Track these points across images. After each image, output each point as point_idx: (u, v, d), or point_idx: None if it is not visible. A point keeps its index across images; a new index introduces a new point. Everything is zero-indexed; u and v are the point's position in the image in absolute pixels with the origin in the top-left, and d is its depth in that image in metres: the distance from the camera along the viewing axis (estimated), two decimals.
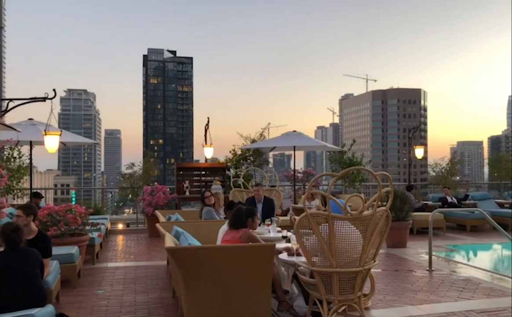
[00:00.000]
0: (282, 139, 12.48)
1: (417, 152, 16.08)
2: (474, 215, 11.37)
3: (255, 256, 4.46)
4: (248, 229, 5.33)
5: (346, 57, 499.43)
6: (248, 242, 5.05)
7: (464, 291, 6.03)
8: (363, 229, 4.47)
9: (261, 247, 4.66)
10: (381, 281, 6.52)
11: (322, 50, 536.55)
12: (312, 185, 5.27)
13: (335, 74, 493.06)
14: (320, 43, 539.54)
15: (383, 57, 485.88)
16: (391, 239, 9.25)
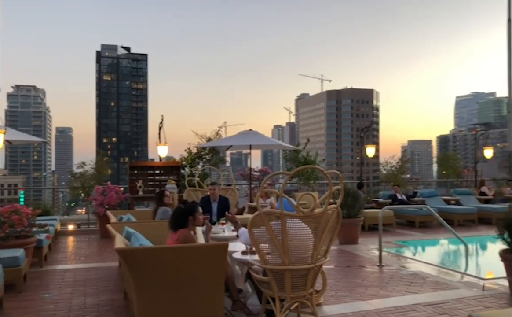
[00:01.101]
0: (238, 138, 12.48)
1: (369, 151, 16.53)
2: (422, 211, 11.79)
3: (208, 255, 4.44)
4: (188, 229, 5.07)
5: (302, 57, 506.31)
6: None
7: (412, 285, 6.24)
8: (314, 226, 4.54)
9: (214, 247, 4.63)
10: (333, 277, 6.65)
11: (279, 50, 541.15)
12: (265, 184, 5.28)
13: (291, 74, 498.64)
14: (277, 43, 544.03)
15: (337, 58, 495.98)
16: (343, 235, 9.46)
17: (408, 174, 21.00)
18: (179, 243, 4.83)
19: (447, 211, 12.56)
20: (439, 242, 10.69)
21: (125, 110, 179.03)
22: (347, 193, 9.77)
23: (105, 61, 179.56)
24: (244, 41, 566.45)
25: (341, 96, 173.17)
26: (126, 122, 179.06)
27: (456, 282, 6.44)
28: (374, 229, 11.23)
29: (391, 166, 16.60)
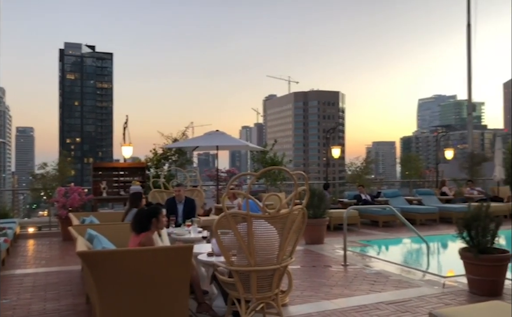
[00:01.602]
0: (205, 139, 12.40)
1: (334, 152, 16.76)
2: (385, 211, 12.04)
3: (172, 258, 4.38)
4: (151, 231, 4.97)
5: (270, 58, 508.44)
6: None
7: (376, 284, 6.36)
8: (280, 227, 4.56)
9: (179, 249, 4.58)
10: (299, 277, 6.69)
11: (247, 51, 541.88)
12: (231, 185, 5.26)
13: (259, 75, 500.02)
14: (245, 44, 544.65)
15: (305, 60, 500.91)
16: (309, 235, 9.55)
17: (372, 175, 21.41)
18: (141, 246, 4.74)
19: (409, 210, 12.86)
20: (402, 241, 10.93)
21: (90, 110, 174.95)
22: (313, 194, 9.86)
23: (68, 59, 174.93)
24: (212, 41, 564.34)
25: (308, 98, 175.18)
26: (91, 122, 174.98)
27: (418, 280, 6.60)
28: (339, 229, 11.37)
29: (356, 167, 16.89)
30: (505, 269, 5.79)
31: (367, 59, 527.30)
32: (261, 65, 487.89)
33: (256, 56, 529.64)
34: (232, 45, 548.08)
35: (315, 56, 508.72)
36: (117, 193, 12.31)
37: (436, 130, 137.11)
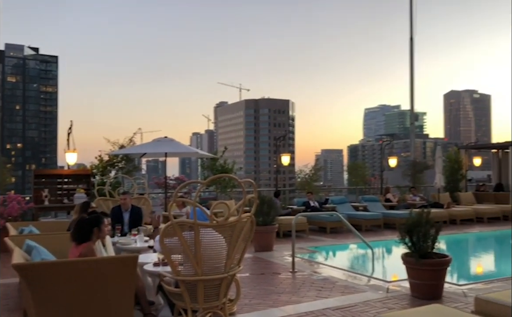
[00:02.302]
0: (153, 145, 12.17)
1: (284, 159, 16.96)
2: (333, 217, 12.27)
3: (116, 269, 4.23)
4: (92, 241, 4.80)
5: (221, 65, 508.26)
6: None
7: (323, 290, 6.45)
8: (228, 235, 4.53)
9: (123, 259, 4.44)
10: (247, 285, 6.67)
11: (198, 57, 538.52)
12: (178, 192, 5.18)
13: (210, 82, 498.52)
14: (196, 50, 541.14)
15: (256, 68, 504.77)
16: (258, 243, 9.57)
17: (321, 182, 21.80)
18: (81, 257, 4.55)
19: (355, 217, 13.18)
20: (348, 247, 11.18)
21: (33, 114, 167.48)
22: (263, 201, 9.90)
23: (9, 61, 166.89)
24: (162, 46, 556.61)
25: (259, 106, 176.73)
26: (34, 127, 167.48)
27: (363, 285, 6.76)
28: (288, 236, 11.45)
29: (305, 174, 17.16)
30: (445, 273, 6.04)
31: (316, 68, 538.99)
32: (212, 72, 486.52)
33: (207, 63, 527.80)
34: (183, 51, 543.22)
35: (266, 64, 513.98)
36: (60, 201, 11.81)
37: (381, 139, 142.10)
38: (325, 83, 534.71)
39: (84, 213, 7.06)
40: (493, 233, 13.45)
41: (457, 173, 18.14)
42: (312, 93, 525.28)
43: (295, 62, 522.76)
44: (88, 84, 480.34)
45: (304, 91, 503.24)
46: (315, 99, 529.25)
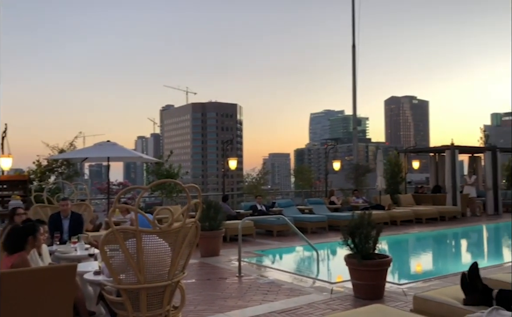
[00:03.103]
0: (95, 149, 11.77)
1: (231, 163, 16.94)
2: (279, 221, 12.36)
3: (52, 279, 4.02)
4: (26, 251, 4.56)
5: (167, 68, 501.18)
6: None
7: (269, 293, 6.47)
8: (172, 241, 4.44)
9: (61, 269, 4.24)
10: (192, 291, 6.58)
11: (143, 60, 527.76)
12: (119, 198, 5.01)
13: (156, 85, 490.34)
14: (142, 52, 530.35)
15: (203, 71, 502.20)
16: (204, 248, 9.48)
17: (268, 185, 21.95)
18: (13, 268, 4.30)
19: (301, 219, 13.37)
20: (294, 250, 11.31)
21: None
22: (209, 205, 9.83)
23: None
24: (105, 45, 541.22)
25: (206, 109, 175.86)
26: None
27: (308, 287, 6.85)
28: (236, 240, 11.43)
29: (252, 178, 17.23)
30: (385, 273, 6.24)
31: (264, 73, 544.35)
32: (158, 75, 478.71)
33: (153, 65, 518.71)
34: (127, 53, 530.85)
35: (213, 67, 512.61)
36: None
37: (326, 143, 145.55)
38: (273, 88, 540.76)
39: (11, 220, 6.72)
40: (431, 233, 14.08)
41: (397, 175, 18.87)
42: (260, 97, 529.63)
43: (242, 67, 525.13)
44: (25, 86, 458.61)
45: (252, 96, 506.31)
46: (263, 103, 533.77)
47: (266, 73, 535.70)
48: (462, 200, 17.19)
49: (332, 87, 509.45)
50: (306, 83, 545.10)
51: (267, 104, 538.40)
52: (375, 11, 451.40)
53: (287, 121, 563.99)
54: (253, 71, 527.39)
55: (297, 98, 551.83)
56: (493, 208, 17.96)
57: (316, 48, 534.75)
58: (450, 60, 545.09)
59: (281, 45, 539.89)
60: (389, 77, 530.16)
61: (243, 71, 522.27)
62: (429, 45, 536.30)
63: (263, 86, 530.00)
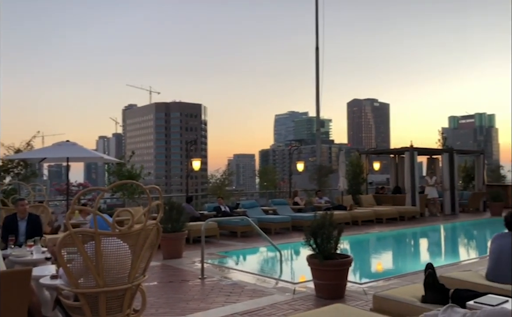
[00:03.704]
0: (53, 150, 11.40)
1: (195, 164, 16.81)
2: (243, 222, 12.35)
3: (5, 284, 3.86)
4: None
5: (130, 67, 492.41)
6: None
7: (231, 295, 6.44)
8: (132, 244, 4.36)
9: (14, 274, 4.08)
10: (154, 294, 6.47)
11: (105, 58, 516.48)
12: (77, 200, 4.87)
13: (118, 84, 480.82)
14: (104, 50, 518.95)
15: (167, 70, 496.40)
16: (167, 250, 9.36)
17: (233, 186, 21.96)
18: None
19: (265, 220, 13.42)
20: (258, 250, 11.33)
21: None
22: (172, 207, 9.71)
23: None
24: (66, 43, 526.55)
25: (170, 109, 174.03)
26: None
27: (271, 288, 6.87)
28: (199, 242, 11.33)
29: (216, 179, 17.15)
30: (347, 272, 6.33)
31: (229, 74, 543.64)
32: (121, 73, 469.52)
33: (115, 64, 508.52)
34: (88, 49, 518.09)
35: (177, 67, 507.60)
36: None
37: (290, 144, 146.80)
38: (238, 88, 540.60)
39: None
40: (391, 232, 14.42)
41: (358, 176, 19.23)
42: (225, 98, 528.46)
43: (207, 67, 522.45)
44: None
45: (217, 96, 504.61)
46: (228, 104, 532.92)
47: (231, 73, 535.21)
48: (421, 200, 17.70)
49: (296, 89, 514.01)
50: (271, 84, 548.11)
51: (232, 105, 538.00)
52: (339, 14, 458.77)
53: (252, 122, 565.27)
54: (218, 72, 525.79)
55: (262, 99, 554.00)
56: (450, 208, 18.58)
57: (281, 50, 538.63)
58: (410, 64, 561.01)
59: (246, 45, 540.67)
60: (352, 80, 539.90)
61: (208, 71, 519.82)
62: (390, 49, 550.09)
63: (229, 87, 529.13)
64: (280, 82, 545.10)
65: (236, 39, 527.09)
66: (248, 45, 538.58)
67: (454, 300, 3.86)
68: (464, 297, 3.74)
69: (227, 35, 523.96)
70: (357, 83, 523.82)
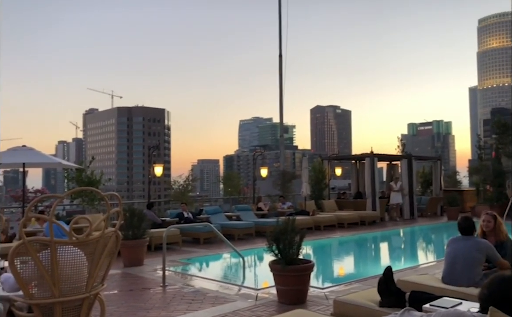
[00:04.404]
0: (8, 155, 10.98)
1: (157, 170, 16.59)
2: (206, 228, 12.26)
3: None
4: None
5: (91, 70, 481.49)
6: None
7: (193, 302, 6.37)
8: (90, 252, 4.24)
9: None
10: (114, 303, 6.32)
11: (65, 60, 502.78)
12: (32, 207, 4.71)
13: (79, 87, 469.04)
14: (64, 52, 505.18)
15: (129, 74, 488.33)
16: (127, 258, 9.17)
17: (197, 192, 21.78)
18: None
19: (228, 226, 13.37)
20: (221, 257, 11.26)
21: None
22: (133, 213, 9.53)
23: None
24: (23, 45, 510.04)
25: (133, 114, 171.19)
26: None
27: (234, 295, 6.84)
28: (160, 249, 11.17)
29: (178, 185, 16.98)
30: (308, 277, 6.39)
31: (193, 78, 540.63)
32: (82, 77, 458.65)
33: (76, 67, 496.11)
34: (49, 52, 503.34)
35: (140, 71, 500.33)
36: None
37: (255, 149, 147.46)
38: (203, 93, 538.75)
39: None
40: (352, 237, 14.66)
41: (321, 182, 19.48)
42: (189, 103, 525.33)
43: (172, 72, 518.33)
44: None
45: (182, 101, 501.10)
46: (192, 109, 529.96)
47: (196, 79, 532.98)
48: (381, 205, 18.11)
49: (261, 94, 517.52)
50: (236, 90, 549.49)
51: (197, 110, 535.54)
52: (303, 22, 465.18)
53: (217, 128, 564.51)
54: (183, 77, 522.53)
55: (227, 104, 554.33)
56: (409, 213, 19.09)
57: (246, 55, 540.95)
58: (372, 72, 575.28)
59: (210, 50, 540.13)
60: (315, 87, 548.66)
61: (173, 76, 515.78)
62: (352, 57, 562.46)
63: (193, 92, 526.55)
64: (245, 88, 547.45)
65: (201, 44, 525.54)
66: (213, 51, 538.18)
67: (411, 303, 3.96)
68: (421, 300, 3.84)
69: (192, 40, 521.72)
70: (320, 90, 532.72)
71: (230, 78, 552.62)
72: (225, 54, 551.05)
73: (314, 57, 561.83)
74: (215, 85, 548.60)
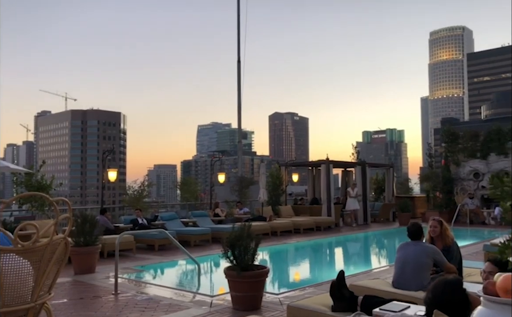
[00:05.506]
0: None
1: (110, 175, 16.19)
2: (160, 234, 12.05)
3: None
4: None
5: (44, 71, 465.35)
6: None
7: (146, 310, 6.24)
8: (37, 259, 4.07)
9: None
10: (63, 313, 6.10)
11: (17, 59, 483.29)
12: None
13: (30, 88, 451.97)
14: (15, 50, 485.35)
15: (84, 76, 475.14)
16: (79, 265, 8.88)
17: (153, 197, 21.45)
18: None
19: (184, 232, 13.21)
20: (177, 264, 11.10)
21: None
22: (85, 219, 9.24)
23: None
24: None
25: (87, 117, 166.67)
26: None
27: (188, 302, 6.75)
28: (113, 256, 10.88)
29: (133, 190, 16.63)
30: (263, 283, 6.39)
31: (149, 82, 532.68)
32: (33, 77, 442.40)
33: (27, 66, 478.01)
34: None
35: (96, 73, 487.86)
36: None
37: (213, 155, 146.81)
38: (160, 97, 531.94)
39: None
40: (308, 242, 14.84)
41: (278, 188, 19.64)
42: (146, 107, 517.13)
43: (128, 75, 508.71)
44: None
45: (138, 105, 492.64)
46: (149, 113, 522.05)
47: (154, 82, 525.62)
48: (336, 211, 18.44)
49: (220, 100, 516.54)
50: (195, 94, 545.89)
51: (154, 115, 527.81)
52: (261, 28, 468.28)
53: (175, 132, 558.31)
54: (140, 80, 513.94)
55: (185, 109, 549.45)
56: (362, 218, 19.54)
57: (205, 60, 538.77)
58: (328, 80, 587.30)
59: (169, 53, 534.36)
60: (274, 94, 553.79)
61: (129, 79, 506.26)
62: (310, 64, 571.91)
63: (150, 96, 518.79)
64: (203, 93, 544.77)
65: (159, 47, 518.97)
66: (172, 55, 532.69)
67: (362, 307, 4.04)
68: (372, 304, 3.93)
69: (150, 43, 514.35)
70: (279, 97, 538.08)
71: (188, 82, 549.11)
72: (183, 58, 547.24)
73: (273, 63, 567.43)
74: (173, 89, 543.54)
